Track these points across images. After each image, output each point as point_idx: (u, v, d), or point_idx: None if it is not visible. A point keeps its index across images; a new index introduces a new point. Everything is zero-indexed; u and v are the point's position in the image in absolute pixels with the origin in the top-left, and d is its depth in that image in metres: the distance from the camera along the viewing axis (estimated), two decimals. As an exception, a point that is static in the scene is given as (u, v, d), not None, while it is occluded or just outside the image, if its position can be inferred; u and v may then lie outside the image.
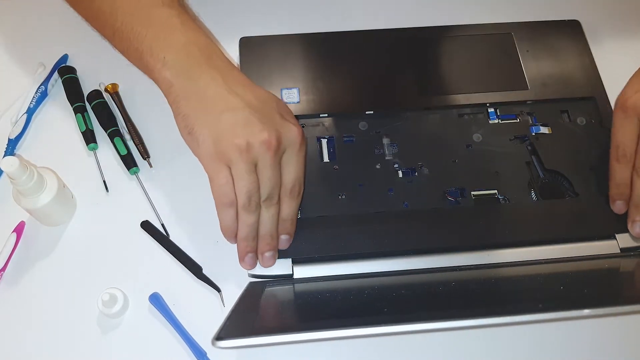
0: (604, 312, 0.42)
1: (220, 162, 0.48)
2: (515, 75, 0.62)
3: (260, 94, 0.50)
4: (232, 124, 0.47)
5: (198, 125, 0.48)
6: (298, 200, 0.51)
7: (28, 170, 0.50)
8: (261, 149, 0.47)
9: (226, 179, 0.48)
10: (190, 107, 0.49)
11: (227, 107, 0.48)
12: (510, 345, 0.52)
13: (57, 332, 0.52)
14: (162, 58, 0.49)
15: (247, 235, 0.49)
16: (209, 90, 0.48)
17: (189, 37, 0.50)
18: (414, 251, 0.53)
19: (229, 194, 0.48)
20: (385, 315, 0.45)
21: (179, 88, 0.49)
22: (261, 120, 0.47)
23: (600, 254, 0.53)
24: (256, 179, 0.48)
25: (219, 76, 0.49)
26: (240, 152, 0.47)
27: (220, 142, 0.47)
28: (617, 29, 0.67)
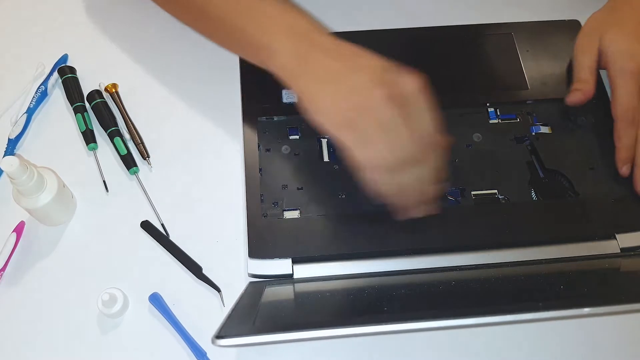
0: (604, 311, 0.42)
1: (344, 125, 0.48)
2: (515, 75, 0.62)
3: (368, 59, 0.50)
4: (347, 88, 0.48)
5: (316, 97, 0.49)
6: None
7: (28, 170, 0.50)
8: (381, 106, 0.47)
9: (353, 137, 0.48)
10: (304, 83, 0.50)
11: (340, 76, 0.49)
12: (510, 344, 0.52)
13: (57, 332, 0.52)
14: (274, 48, 0.50)
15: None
16: (323, 66, 0.49)
17: (293, 22, 0.51)
18: (414, 251, 0.53)
19: (375, 149, 0.48)
20: (385, 314, 0.45)
21: (295, 71, 0.50)
22: (374, 76, 0.48)
23: (601, 253, 0.53)
24: (385, 133, 0.48)
25: (328, 51, 0.50)
26: (356, 110, 0.47)
27: (339, 106, 0.48)
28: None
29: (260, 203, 0.55)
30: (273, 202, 0.55)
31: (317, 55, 0.50)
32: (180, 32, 0.65)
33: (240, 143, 0.58)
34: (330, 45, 0.51)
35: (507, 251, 0.53)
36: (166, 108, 0.62)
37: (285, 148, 0.58)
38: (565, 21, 0.65)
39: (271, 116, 0.59)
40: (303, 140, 0.58)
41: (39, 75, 0.63)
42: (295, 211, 0.55)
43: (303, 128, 0.58)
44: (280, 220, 0.54)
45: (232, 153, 0.59)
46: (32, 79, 0.62)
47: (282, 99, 0.59)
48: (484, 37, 0.64)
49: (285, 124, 0.59)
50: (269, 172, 0.56)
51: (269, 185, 0.56)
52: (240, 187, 0.57)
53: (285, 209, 0.55)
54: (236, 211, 0.56)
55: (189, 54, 0.64)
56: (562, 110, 0.60)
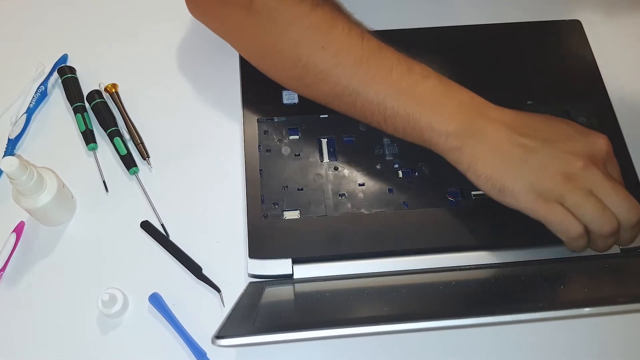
0: (604, 311, 0.42)
1: (549, 204, 0.48)
2: (515, 75, 0.61)
3: (548, 122, 0.51)
4: (540, 166, 0.48)
5: (506, 179, 0.48)
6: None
7: (28, 170, 0.50)
8: (585, 175, 0.47)
9: (564, 214, 0.48)
10: (488, 166, 0.49)
11: (525, 151, 0.48)
12: (510, 345, 0.52)
13: (57, 332, 0.52)
14: (445, 131, 0.49)
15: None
16: (500, 142, 0.49)
17: (457, 99, 0.51)
18: (414, 251, 0.53)
19: (574, 224, 0.48)
20: (385, 314, 0.45)
21: (470, 152, 0.49)
22: (566, 148, 0.48)
23: (600, 254, 0.53)
24: (595, 198, 0.48)
25: (502, 125, 0.49)
26: (565, 187, 0.47)
27: (539, 187, 0.47)
28: (618, 29, 0.67)
29: (261, 203, 0.55)
30: (273, 203, 0.55)
31: (492, 133, 0.49)
32: (180, 32, 0.65)
33: (240, 143, 0.58)
34: (502, 116, 0.50)
35: (507, 251, 0.53)
36: (166, 108, 0.62)
37: (285, 149, 0.57)
38: (566, 21, 0.65)
39: (271, 117, 0.59)
40: (303, 140, 0.58)
41: (38, 75, 0.63)
42: (295, 211, 0.55)
43: (303, 128, 0.58)
44: (280, 221, 0.54)
45: (232, 153, 0.59)
46: (32, 79, 0.62)
47: (283, 99, 0.59)
48: (483, 37, 0.64)
49: (285, 125, 0.58)
50: (269, 172, 0.56)
51: (269, 186, 0.56)
52: (240, 187, 0.57)
53: (286, 209, 0.55)
54: (236, 211, 0.56)
55: (189, 54, 0.64)
56: (562, 111, 0.60)
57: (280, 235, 0.53)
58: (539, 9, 0.67)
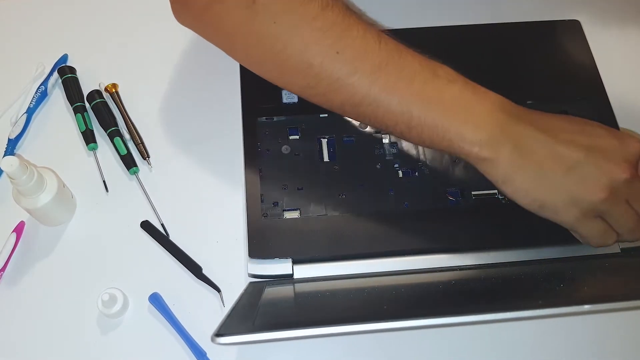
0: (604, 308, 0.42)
1: (591, 219, 0.47)
2: (515, 75, 0.61)
3: (580, 124, 0.48)
4: (582, 180, 0.45)
5: (547, 196, 0.46)
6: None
7: (28, 170, 0.50)
8: (626, 186, 0.46)
9: (603, 228, 0.48)
10: (527, 179, 0.46)
11: (565, 164, 0.45)
12: (511, 343, 0.52)
13: (57, 332, 0.52)
14: (478, 140, 0.46)
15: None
16: (537, 152, 0.46)
17: (487, 105, 0.47)
18: (414, 251, 0.53)
19: (612, 235, 0.48)
20: (385, 312, 0.45)
21: (506, 164, 0.46)
22: (606, 158, 0.46)
23: (601, 253, 0.53)
24: (632, 209, 0.47)
25: (538, 131, 0.46)
26: (609, 202, 0.46)
27: (581, 202, 0.46)
28: (617, 29, 0.67)
29: (260, 203, 0.55)
30: (273, 202, 0.55)
31: (529, 142, 0.46)
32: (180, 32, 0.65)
33: (240, 143, 0.58)
34: (538, 120, 0.47)
35: (507, 251, 0.53)
36: (166, 108, 0.62)
37: (285, 148, 0.58)
38: (565, 21, 0.65)
39: (271, 116, 0.59)
40: (303, 140, 0.58)
41: (39, 75, 0.63)
42: (295, 211, 0.55)
43: (303, 128, 0.58)
44: (280, 221, 0.54)
45: (232, 153, 0.59)
46: (32, 79, 0.62)
47: (282, 99, 0.59)
48: (483, 37, 0.64)
49: (285, 124, 0.59)
50: (269, 172, 0.56)
51: (269, 186, 0.56)
52: (240, 187, 0.57)
53: (286, 209, 0.55)
54: (236, 211, 0.56)
55: (189, 54, 0.64)
56: (561, 111, 0.60)
57: (280, 235, 0.53)
58: (538, 9, 0.67)
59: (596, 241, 0.49)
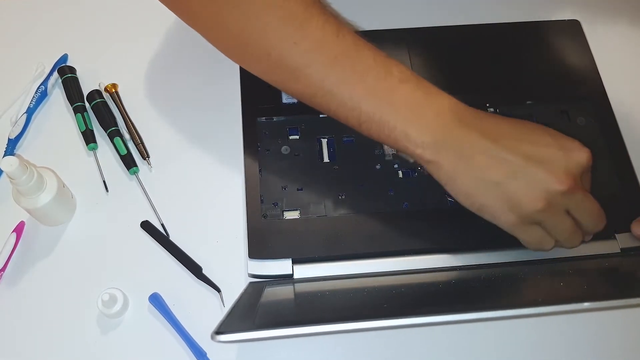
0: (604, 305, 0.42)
1: (528, 225, 0.47)
2: (515, 75, 0.62)
3: (528, 133, 0.48)
4: (522, 188, 0.45)
5: (486, 200, 0.47)
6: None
7: (28, 170, 0.50)
8: (565, 197, 0.46)
9: (540, 235, 0.48)
10: (468, 183, 0.47)
11: (506, 171, 0.46)
12: (510, 341, 0.52)
13: (57, 332, 0.52)
14: (421, 142, 0.46)
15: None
16: (479, 157, 0.46)
17: (436, 108, 0.47)
18: (413, 251, 0.53)
19: (549, 242, 0.49)
20: (385, 311, 0.45)
21: (449, 167, 0.47)
22: (547, 168, 0.45)
23: (601, 253, 0.53)
24: (570, 219, 0.48)
25: (481, 136, 0.46)
26: (546, 212, 0.46)
27: (519, 210, 0.46)
28: (617, 29, 0.67)
29: (260, 203, 0.55)
30: (273, 203, 0.55)
31: (471, 146, 0.46)
32: (180, 32, 0.65)
33: (240, 143, 0.58)
34: (481, 124, 0.47)
35: (507, 251, 0.53)
36: (166, 108, 0.62)
37: (285, 148, 0.58)
38: (565, 21, 0.65)
39: (271, 116, 0.59)
40: (303, 140, 0.58)
41: (39, 75, 0.63)
42: (295, 212, 0.55)
43: (303, 128, 0.58)
44: (280, 221, 0.54)
45: (232, 153, 0.59)
46: (32, 79, 0.62)
47: (282, 99, 0.59)
48: (483, 37, 0.64)
49: (285, 124, 0.59)
50: (268, 172, 0.56)
51: (268, 186, 0.56)
52: (240, 187, 0.57)
53: (285, 209, 0.55)
54: (236, 211, 0.56)
55: (189, 53, 0.64)
56: (561, 111, 0.60)
57: (280, 235, 0.53)
58: (538, 9, 0.67)
59: (533, 247, 0.49)
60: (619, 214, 0.54)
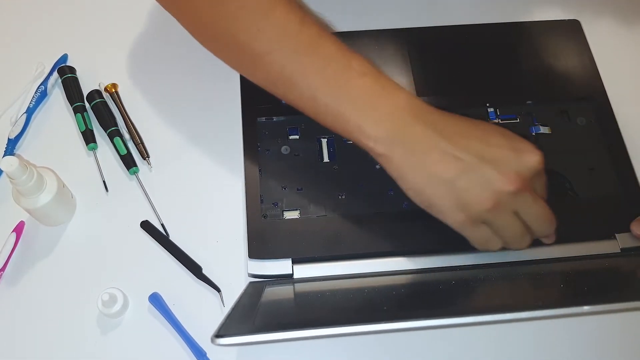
0: (604, 309, 0.42)
1: (475, 224, 0.47)
2: (515, 75, 0.62)
3: (483, 132, 0.48)
4: (470, 187, 0.45)
5: (435, 197, 0.47)
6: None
7: (28, 170, 0.50)
8: (513, 198, 0.46)
9: (487, 235, 0.48)
10: (418, 179, 0.47)
11: (455, 169, 0.45)
12: (510, 343, 0.52)
13: (57, 332, 0.52)
14: (374, 136, 0.46)
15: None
16: (430, 154, 0.46)
17: (392, 103, 0.47)
18: (413, 251, 0.53)
19: (496, 242, 0.49)
20: (385, 313, 0.45)
21: (400, 162, 0.47)
22: (497, 168, 0.45)
23: (601, 253, 0.53)
24: (519, 221, 0.48)
25: (434, 133, 0.46)
26: (493, 212, 0.46)
27: (467, 209, 0.46)
28: (617, 29, 0.67)
29: (260, 203, 0.55)
30: (273, 203, 0.55)
31: (424, 143, 0.46)
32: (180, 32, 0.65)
33: (240, 143, 0.58)
34: (437, 122, 0.47)
35: (507, 251, 0.53)
36: (166, 108, 0.62)
37: (285, 148, 0.58)
38: (565, 21, 0.65)
39: (271, 116, 0.59)
40: (303, 140, 0.58)
41: (38, 75, 0.63)
42: (295, 211, 0.55)
43: (303, 128, 0.58)
44: (280, 221, 0.54)
45: (232, 153, 0.59)
46: (32, 78, 0.62)
47: (282, 99, 0.59)
48: (483, 37, 0.64)
49: (285, 124, 0.59)
50: (268, 172, 0.56)
51: (268, 186, 0.56)
52: (240, 187, 0.57)
53: (285, 209, 0.55)
54: (236, 211, 0.56)
55: (189, 53, 0.64)
56: (561, 111, 0.60)
57: (280, 235, 0.53)
58: (538, 9, 0.67)
59: (480, 246, 0.49)
60: (619, 214, 0.54)
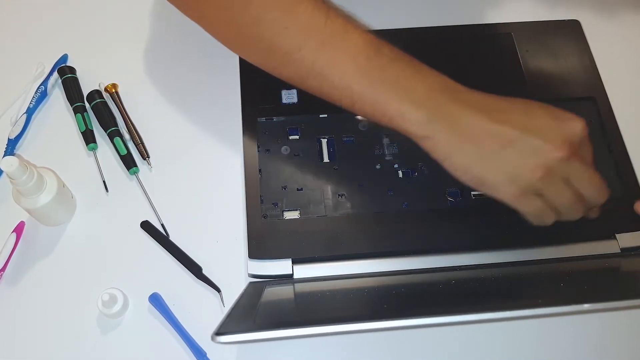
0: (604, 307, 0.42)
1: (528, 196, 0.47)
2: (515, 75, 0.62)
3: (522, 105, 0.48)
4: (519, 158, 0.46)
5: (486, 173, 0.47)
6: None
7: (28, 170, 0.50)
8: (563, 165, 0.46)
9: (541, 207, 0.48)
10: (466, 158, 0.47)
11: (502, 142, 0.46)
12: (510, 342, 0.52)
13: (57, 332, 0.52)
14: (416, 119, 0.46)
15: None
16: (475, 131, 0.46)
17: (427, 85, 0.47)
18: (413, 251, 0.53)
19: (550, 214, 0.49)
20: (384, 312, 0.45)
21: (444, 142, 0.47)
22: (543, 137, 0.46)
23: (601, 253, 0.53)
24: (571, 189, 0.48)
25: (475, 110, 0.47)
26: (545, 180, 0.46)
27: (519, 180, 0.46)
28: (617, 29, 0.67)
29: (260, 204, 0.55)
30: (273, 203, 0.55)
31: (467, 121, 0.46)
32: (180, 32, 0.65)
33: (240, 143, 0.58)
34: (475, 100, 0.47)
35: (507, 251, 0.53)
36: (166, 108, 0.62)
37: (285, 148, 0.58)
38: (565, 21, 0.65)
39: (271, 117, 0.59)
40: (303, 140, 0.58)
41: (39, 75, 0.63)
42: (295, 212, 0.55)
43: (303, 128, 0.58)
44: (280, 221, 0.54)
45: (232, 153, 0.59)
46: (32, 79, 0.62)
47: (282, 99, 0.59)
48: (483, 37, 0.64)
49: (285, 125, 0.59)
50: (268, 172, 0.56)
51: (268, 186, 0.56)
52: (240, 187, 0.57)
53: (285, 209, 0.55)
54: (236, 211, 0.56)
55: (189, 54, 0.64)
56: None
57: (280, 235, 0.53)
58: (538, 9, 0.67)
59: (534, 219, 0.49)
60: (619, 214, 0.54)
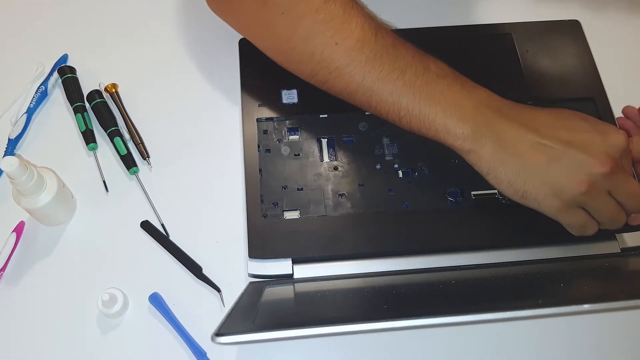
0: (604, 307, 0.42)
1: (572, 209, 0.48)
2: (514, 75, 0.62)
3: (565, 120, 0.49)
4: (564, 173, 0.47)
5: (529, 186, 0.48)
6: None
7: (28, 170, 0.50)
8: (607, 179, 0.47)
9: (584, 219, 0.49)
10: (510, 171, 0.48)
11: (547, 157, 0.47)
12: (510, 342, 0.52)
13: (57, 332, 0.52)
14: (461, 133, 0.48)
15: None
16: (519, 146, 0.48)
17: (473, 100, 0.49)
18: (413, 251, 0.53)
19: (593, 226, 0.50)
20: (385, 311, 0.45)
21: (489, 156, 0.48)
22: (587, 152, 0.47)
23: (601, 253, 0.53)
24: (614, 201, 0.48)
25: (520, 126, 0.48)
26: (589, 194, 0.47)
27: (563, 194, 0.47)
28: (617, 29, 0.67)
29: (260, 203, 0.55)
30: (273, 203, 0.55)
31: (511, 135, 0.48)
32: (180, 32, 0.65)
33: (240, 143, 0.58)
34: (520, 115, 0.49)
35: (507, 251, 0.53)
36: (166, 108, 0.62)
37: (285, 148, 0.58)
38: (565, 21, 0.65)
39: (271, 117, 0.59)
40: (303, 140, 0.58)
41: (39, 75, 0.63)
42: (295, 212, 0.55)
43: (303, 128, 0.58)
44: (280, 221, 0.54)
45: (232, 153, 0.59)
46: (32, 79, 0.62)
47: (282, 99, 0.59)
48: (483, 38, 0.64)
49: (285, 125, 0.59)
50: (268, 172, 0.56)
51: (268, 186, 0.56)
52: (240, 187, 0.57)
53: (285, 209, 0.55)
54: (236, 211, 0.56)
55: (189, 53, 0.64)
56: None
57: (280, 235, 0.53)
58: (538, 9, 0.67)
59: (577, 231, 0.50)
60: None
